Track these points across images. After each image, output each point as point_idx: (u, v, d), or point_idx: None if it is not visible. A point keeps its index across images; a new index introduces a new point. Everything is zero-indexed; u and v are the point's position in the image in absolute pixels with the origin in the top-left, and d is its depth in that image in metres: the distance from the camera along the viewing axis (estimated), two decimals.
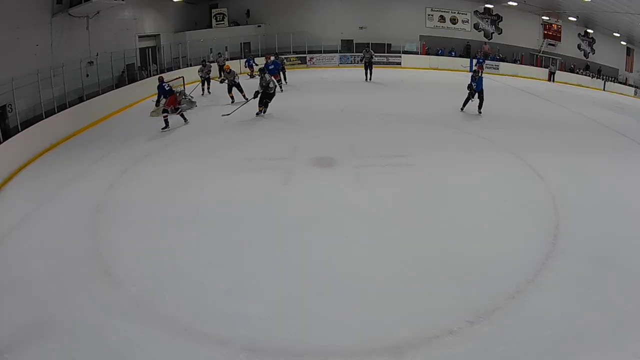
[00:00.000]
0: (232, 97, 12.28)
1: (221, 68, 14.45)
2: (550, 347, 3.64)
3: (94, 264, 4.97)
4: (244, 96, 11.83)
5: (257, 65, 16.50)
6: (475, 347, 3.66)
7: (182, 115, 10.60)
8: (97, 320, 4.05)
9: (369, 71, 15.90)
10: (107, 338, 3.84)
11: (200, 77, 14.15)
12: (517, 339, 3.72)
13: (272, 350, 3.68)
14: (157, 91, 10.50)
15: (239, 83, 12.27)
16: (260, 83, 10.49)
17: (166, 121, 10.07)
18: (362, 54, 16.85)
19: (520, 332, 3.79)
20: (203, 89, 14.13)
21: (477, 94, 10.90)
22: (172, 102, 10.35)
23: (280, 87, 13.86)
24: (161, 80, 10.54)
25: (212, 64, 15.02)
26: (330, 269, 4.70)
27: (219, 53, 17.35)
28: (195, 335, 3.85)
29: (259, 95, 10.50)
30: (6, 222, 6.04)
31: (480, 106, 10.99)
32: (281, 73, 14.49)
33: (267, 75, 10.59)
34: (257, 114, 10.74)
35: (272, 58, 14.18)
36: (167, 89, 10.38)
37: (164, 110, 10.15)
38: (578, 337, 3.74)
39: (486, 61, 20.35)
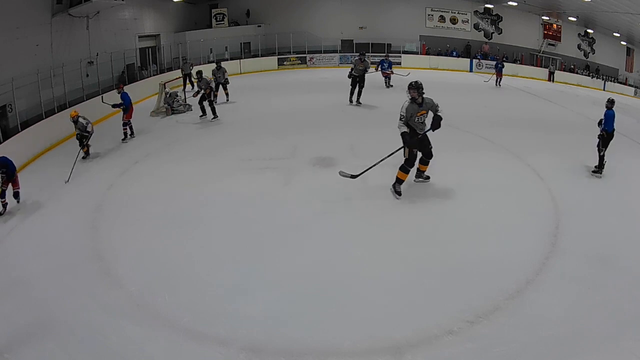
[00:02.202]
0: (202, 108, 10.89)
1: (187, 76, 14.08)
2: (550, 347, 3.64)
3: (94, 264, 4.97)
4: (213, 110, 10.71)
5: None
6: (475, 347, 3.66)
7: (213, 110, 10.55)
8: (97, 320, 4.06)
9: (357, 90, 11.59)
10: (107, 338, 3.84)
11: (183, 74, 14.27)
12: (517, 339, 3.72)
13: (272, 350, 3.68)
14: (121, 100, 9.59)
15: (212, 96, 10.91)
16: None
17: (125, 133, 9.63)
18: (352, 64, 11.88)
19: (520, 332, 3.79)
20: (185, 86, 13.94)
21: None
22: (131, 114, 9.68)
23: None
24: (122, 88, 10.01)
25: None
26: (330, 269, 4.70)
27: (184, 58, 15.97)
28: (195, 335, 3.85)
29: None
30: (6, 222, 6.04)
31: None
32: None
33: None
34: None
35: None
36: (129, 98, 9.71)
37: (125, 124, 9.58)
38: (578, 337, 3.74)
39: (486, 61, 20.37)
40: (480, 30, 21.22)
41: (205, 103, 10.78)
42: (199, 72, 10.88)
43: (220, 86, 12.64)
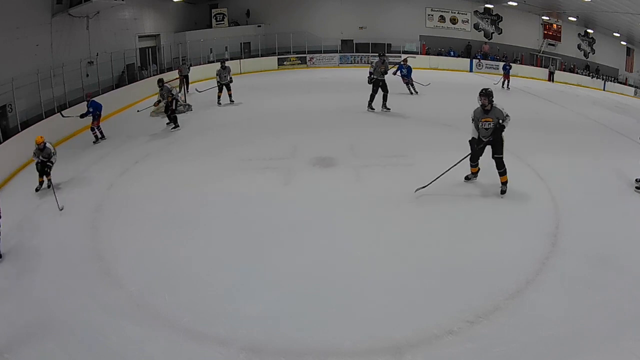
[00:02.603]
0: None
1: (185, 78, 13.62)
2: (550, 347, 3.64)
3: (94, 264, 4.97)
4: (174, 119, 10.17)
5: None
6: (475, 347, 3.66)
7: (174, 119, 10.05)
8: (97, 320, 4.06)
9: (381, 95, 10.73)
10: (107, 338, 3.84)
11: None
12: (517, 339, 3.72)
13: (272, 350, 3.68)
14: (88, 108, 9.40)
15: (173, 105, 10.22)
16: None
17: (95, 136, 9.63)
18: (373, 65, 10.81)
19: (520, 332, 3.79)
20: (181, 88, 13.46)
21: None
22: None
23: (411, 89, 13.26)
24: (89, 96, 9.90)
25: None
26: (330, 269, 4.70)
27: (183, 59, 15.76)
28: (195, 335, 3.85)
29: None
30: (6, 222, 6.04)
31: None
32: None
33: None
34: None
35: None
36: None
37: (92, 129, 9.47)
38: (578, 337, 3.74)
39: (486, 61, 20.37)
40: (480, 30, 21.23)
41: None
42: (160, 80, 10.36)
43: (224, 87, 12.33)
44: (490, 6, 20.73)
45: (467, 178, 6.71)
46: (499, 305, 4.11)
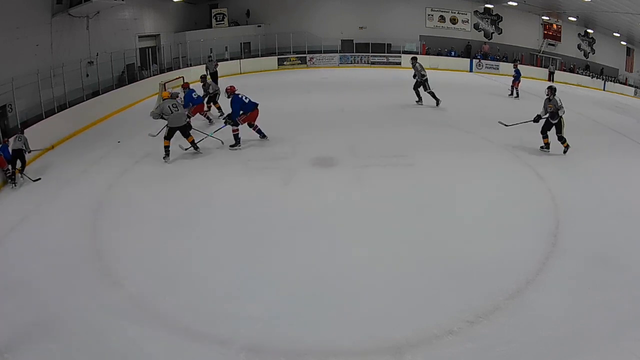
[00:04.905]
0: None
1: (213, 76, 13.70)
2: (551, 347, 3.64)
3: (94, 264, 4.97)
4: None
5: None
6: (475, 347, 3.66)
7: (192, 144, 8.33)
8: (97, 320, 4.06)
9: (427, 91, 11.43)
10: (107, 338, 3.84)
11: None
12: (517, 339, 3.72)
13: (272, 350, 3.68)
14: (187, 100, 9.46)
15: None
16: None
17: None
18: (414, 70, 11.50)
19: (520, 332, 3.80)
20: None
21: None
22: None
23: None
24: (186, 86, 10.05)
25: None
26: (330, 269, 4.70)
27: (209, 56, 15.90)
28: (195, 335, 3.85)
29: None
30: (6, 222, 6.04)
31: None
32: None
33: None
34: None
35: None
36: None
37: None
38: (578, 337, 3.74)
39: (486, 61, 20.35)
40: (480, 30, 21.21)
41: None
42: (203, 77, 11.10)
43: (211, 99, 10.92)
44: (490, 6, 20.71)
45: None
46: (499, 305, 4.11)
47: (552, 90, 8.36)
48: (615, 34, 18.82)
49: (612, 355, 3.57)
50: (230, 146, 8.53)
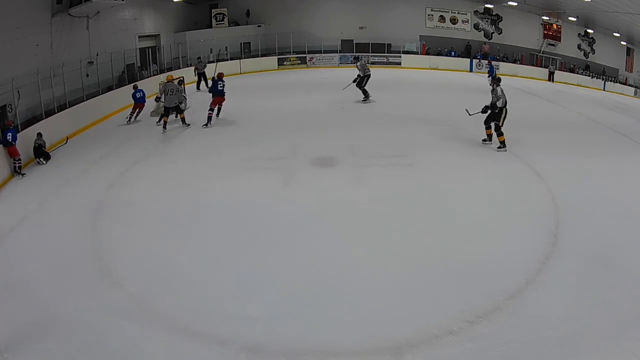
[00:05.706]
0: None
1: (202, 75, 14.71)
2: (550, 347, 3.64)
3: (94, 264, 4.97)
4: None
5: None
6: (475, 347, 3.66)
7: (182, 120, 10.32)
8: (97, 320, 4.06)
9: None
10: (107, 338, 3.84)
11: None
12: (517, 339, 3.72)
13: (272, 350, 3.68)
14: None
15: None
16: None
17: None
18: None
19: (520, 332, 3.79)
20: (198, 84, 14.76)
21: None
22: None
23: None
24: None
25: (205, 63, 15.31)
26: (330, 269, 4.70)
27: (199, 57, 15.93)
28: (195, 335, 3.85)
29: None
30: (6, 222, 6.04)
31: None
32: None
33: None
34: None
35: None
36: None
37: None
38: (578, 337, 3.74)
39: (486, 61, 20.34)
40: (480, 30, 21.22)
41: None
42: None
43: (201, 76, 14.13)
44: (490, 6, 20.72)
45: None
46: (499, 305, 4.11)
47: (495, 81, 8.25)
48: (615, 34, 18.83)
49: (612, 355, 3.57)
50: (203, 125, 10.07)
